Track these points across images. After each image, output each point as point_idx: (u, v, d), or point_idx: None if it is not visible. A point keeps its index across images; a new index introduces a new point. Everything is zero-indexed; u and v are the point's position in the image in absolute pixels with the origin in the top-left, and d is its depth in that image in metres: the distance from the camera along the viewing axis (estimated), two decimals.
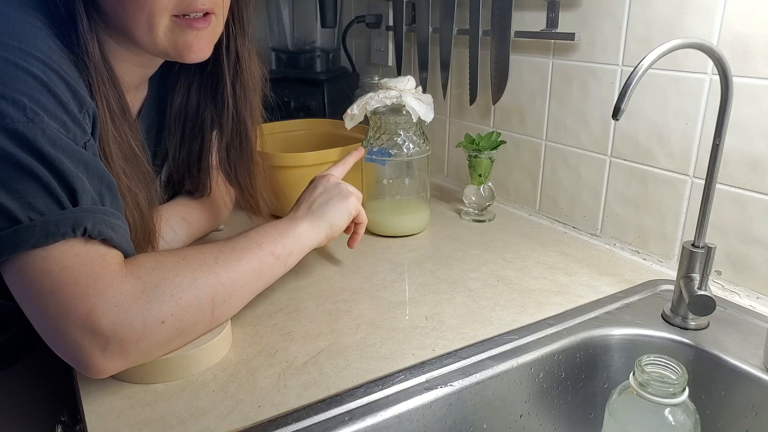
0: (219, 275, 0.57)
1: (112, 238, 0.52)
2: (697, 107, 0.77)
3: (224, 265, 0.58)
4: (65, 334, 0.49)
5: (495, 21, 1.00)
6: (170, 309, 0.53)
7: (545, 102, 0.99)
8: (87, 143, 0.53)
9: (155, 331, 0.52)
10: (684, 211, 0.81)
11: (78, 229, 0.49)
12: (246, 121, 0.76)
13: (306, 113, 1.37)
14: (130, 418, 0.53)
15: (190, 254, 0.57)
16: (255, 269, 0.61)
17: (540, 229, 0.98)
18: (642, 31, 0.82)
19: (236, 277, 0.59)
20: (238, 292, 0.59)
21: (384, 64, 1.38)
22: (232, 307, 0.60)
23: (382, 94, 0.91)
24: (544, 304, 0.73)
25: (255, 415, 0.53)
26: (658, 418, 0.51)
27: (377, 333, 0.67)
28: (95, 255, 0.50)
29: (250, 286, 0.61)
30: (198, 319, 0.56)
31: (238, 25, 0.71)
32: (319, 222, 0.72)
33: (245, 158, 0.78)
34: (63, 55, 0.54)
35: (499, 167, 1.08)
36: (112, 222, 0.52)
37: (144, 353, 0.52)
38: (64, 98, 0.51)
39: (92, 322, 0.48)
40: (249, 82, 0.74)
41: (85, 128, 0.53)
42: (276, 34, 1.45)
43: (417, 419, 0.56)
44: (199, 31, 0.61)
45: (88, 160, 0.52)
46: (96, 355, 0.49)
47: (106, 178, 0.54)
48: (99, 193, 0.52)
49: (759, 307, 0.72)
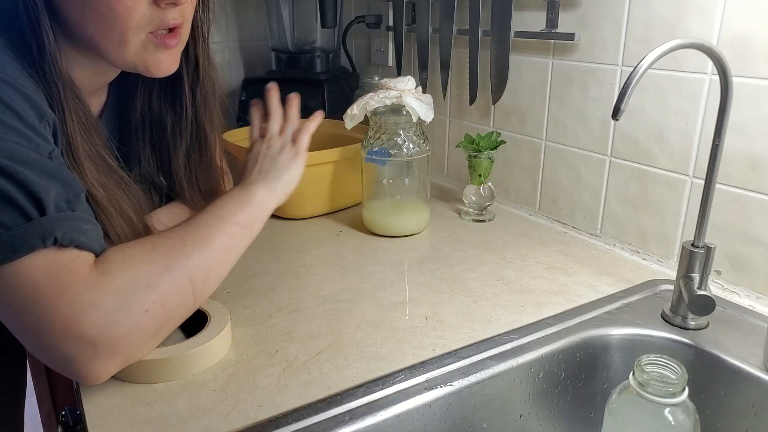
0: (192, 257, 0.57)
1: (84, 243, 0.51)
2: (697, 107, 0.77)
3: (194, 245, 0.58)
4: (53, 347, 0.48)
5: (495, 21, 1.00)
6: (151, 297, 0.52)
7: (545, 102, 0.99)
8: (52, 153, 0.52)
9: (141, 321, 0.52)
10: (684, 211, 0.81)
11: (48, 239, 0.48)
12: (205, 128, 0.76)
13: (306, 113, 1.36)
14: (130, 418, 0.53)
15: (157, 241, 0.57)
16: (225, 244, 0.61)
17: (540, 229, 0.98)
18: (642, 32, 0.82)
19: (209, 255, 0.59)
20: (215, 269, 0.60)
21: (384, 64, 1.38)
22: (212, 285, 0.60)
23: (382, 94, 0.91)
24: (544, 304, 0.73)
25: (255, 415, 0.53)
26: (657, 417, 0.51)
27: (377, 333, 0.67)
28: (64, 261, 0.49)
29: (225, 261, 0.62)
30: (181, 301, 0.56)
31: (198, 32, 0.70)
32: (274, 183, 0.72)
33: (205, 164, 0.78)
34: (18, 67, 0.53)
35: (499, 167, 1.08)
36: (82, 227, 0.51)
37: (135, 346, 0.52)
38: (21, 110, 0.50)
39: (75, 330, 0.48)
40: (209, 89, 0.74)
41: (47, 138, 0.52)
42: (276, 34, 1.45)
43: (417, 419, 0.56)
44: (171, 49, 0.61)
45: (53, 169, 0.51)
46: (88, 362, 0.49)
47: (73, 185, 0.53)
48: (67, 200, 0.51)
49: (759, 307, 0.72)
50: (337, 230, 0.98)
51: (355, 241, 0.93)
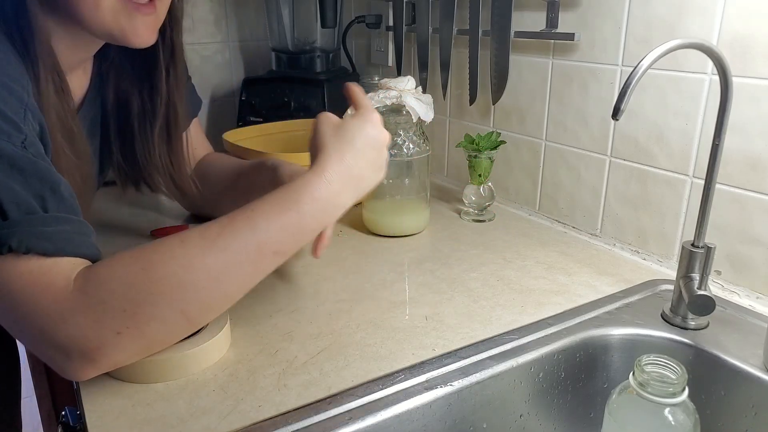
0: (192, 290, 0.50)
1: (46, 249, 0.48)
2: (697, 107, 0.77)
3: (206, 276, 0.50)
4: (34, 347, 0.49)
5: (495, 21, 1.00)
6: (124, 322, 0.49)
7: (545, 102, 0.99)
8: (25, 141, 0.49)
9: (113, 341, 0.49)
10: (684, 211, 0.81)
11: (3, 247, 0.46)
12: (178, 108, 0.77)
13: (306, 113, 1.37)
14: (130, 418, 0.53)
15: (155, 261, 0.50)
16: (249, 275, 0.53)
17: (540, 229, 0.98)
18: (642, 32, 0.82)
19: (221, 290, 0.52)
20: (223, 303, 0.54)
21: (384, 64, 1.38)
22: (216, 313, 0.55)
23: (382, 94, 0.91)
24: (544, 304, 0.73)
25: (255, 415, 0.53)
26: (657, 417, 0.51)
27: (377, 333, 0.67)
28: (38, 274, 0.47)
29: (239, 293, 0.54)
30: (168, 329, 0.51)
31: (174, 15, 0.71)
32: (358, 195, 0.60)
33: (175, 148, 0.79)
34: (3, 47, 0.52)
35: (499, 167, 1.08)
36: (48, 231, 0.48)
37: (113, 360, 0.51)
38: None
39: (48, 338, 0.48)
40: (180, 74, 0.76)
41: (19, 126, 0.49)
42: (276, 34, 1.45)
43: (417, 419, 0.56)
44: (146, 16, 0.60)
45: (24, 162, 0.48)
46: (65, 364, 0.49)
47: (49, 178, 0.50)
48: (40, 197, 0.49)
49: (759, 307, 0.72)
50: (337, 230, 0.98)
51: (355, 241, 0.93)
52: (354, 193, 0.60)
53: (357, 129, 0.61)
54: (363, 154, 0.60)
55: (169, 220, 0.98)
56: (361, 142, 0.60)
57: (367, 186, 0.62)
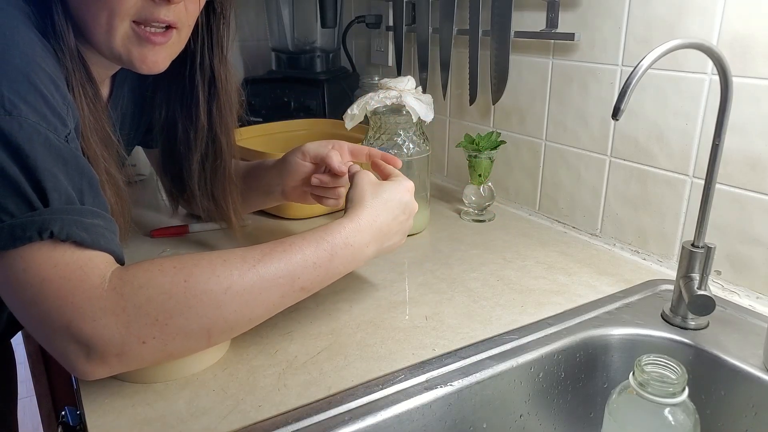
0: (224, 309, 0.51)
1: (84, 239, 0.48)
2: (697, 107, 0.77)
3: (240, 300, 0.52)
4: (51, 340, 0.48)
5: (495, 21, 1.00)
6: (153, 332, 0.49)
7: (545, 102, 0.99)
8: (68, 136, 0.50)
9: (135, 349, 0.49)
10: (684, 211, 0.81)
11: (44, 232, 0.46)
12: (221, 140, 0.76)
13: (306, 113, 1.37)
14: (131, 418, 0.53)
15: (196, 275, 0.51)
16: (275, 304, 0.55)
17: (540, 229, 0.98)
18: (642, 31, 0.82)
19: (247, 313, 0.53)
20: (244, 325, 0.55)
21: (384, 64, 1.38)
22: (234, 335, 0.56)
23: (382, 94, 0.91)
24: (544, 304, 0.73)
25: (255, 415, 0.53)
26: (657, 417, 0.51)
27: (377, 333, 0.67)
28: (74, 266, 0.48)
29: (259, 319, 0.55)
30: (189, 346, 0.52)
31: (215, 43, 0.71)
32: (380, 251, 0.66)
33: (219, 175, 0.78)
34: (43, 46, 0.53)
35: (499, 167, 1.08)
36: (86, 222, 0.49)
37: (128, 366, 0.50)
38: (45, 90, 0.49)
39: (73, 333, 0.47)
40: (225, 104, 0.75)
41: (65, 121, 0.51)
42: (276, 34, 1.45)
43: (417, 419, 0.56)
44: (156, 46, 0.60)
45: (68, 155, 0.49)
46: (81, 361, 0.49)
47: (87, 173, 0.51)
48: (78, 190, 0.50)
49: (759, 307, 0.72)
50: None
51: None
52: (378, 249, 0.65)
53: (394, 192, 0.67)
54: (394, 217, 0.66)
55: (170, 220, 0.98)
56: (395, 205, 0.66)
57: (391, 246, 0.67)
